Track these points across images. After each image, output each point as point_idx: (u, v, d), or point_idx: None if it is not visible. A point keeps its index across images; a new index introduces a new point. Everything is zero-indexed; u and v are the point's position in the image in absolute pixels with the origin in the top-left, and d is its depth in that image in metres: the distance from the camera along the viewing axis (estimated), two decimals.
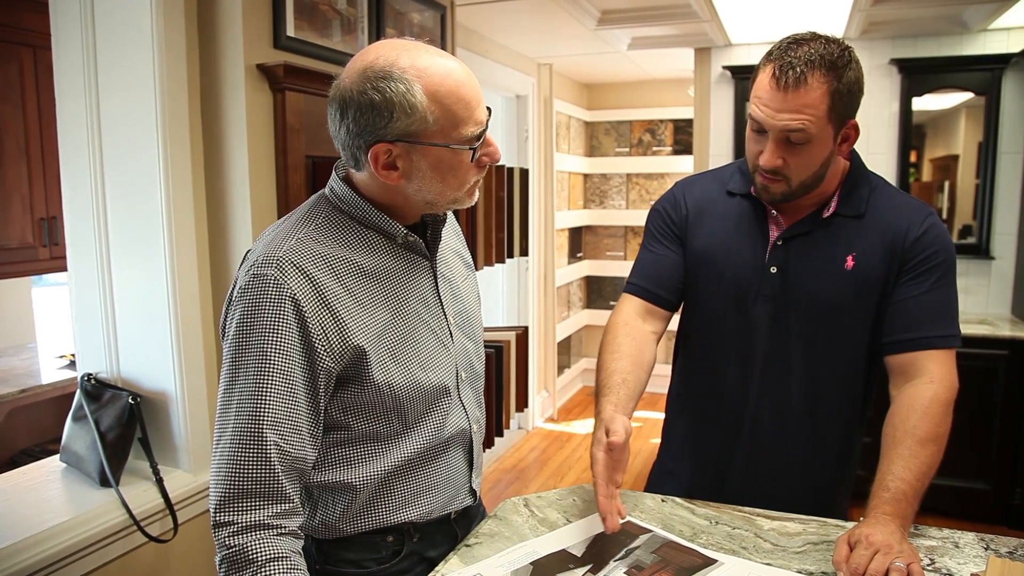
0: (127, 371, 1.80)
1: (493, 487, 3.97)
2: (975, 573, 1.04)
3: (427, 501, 1.13)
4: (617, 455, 1.13)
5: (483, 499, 1.32)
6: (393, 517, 1.10)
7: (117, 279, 1.77)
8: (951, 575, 1.05)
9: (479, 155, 1.03)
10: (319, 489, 1.07)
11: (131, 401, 1.70)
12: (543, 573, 1.05)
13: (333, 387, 1.02)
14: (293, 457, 0.97)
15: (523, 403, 2.57)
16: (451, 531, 1.20)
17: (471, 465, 1.21)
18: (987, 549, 1.12)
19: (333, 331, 0.99)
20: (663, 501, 1.30)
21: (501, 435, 2.37)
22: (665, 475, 1.49)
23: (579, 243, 5.75)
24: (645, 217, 1.49)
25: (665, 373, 1.56)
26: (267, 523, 0.94)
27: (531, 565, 1.07)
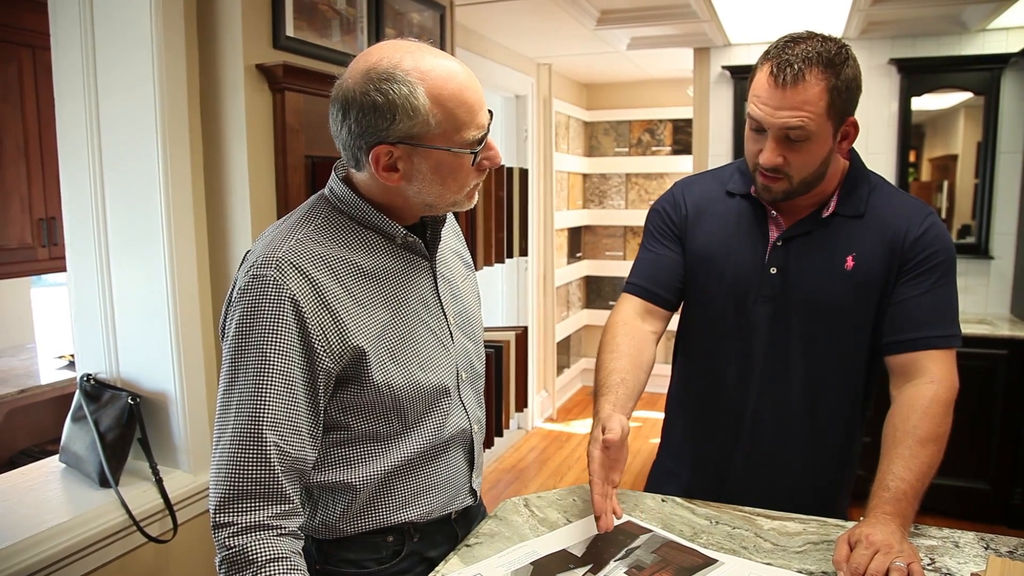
0: (126, 371, 1.80)
1: (493, 487, 3.97)
2: (975, 573, 1.04)
3: (427, 501, 1.13)
4: (614, 454, 1.13)
5: (483, 499, 1.32)
6: (393, 517, 1.10)
7: (116, 279, 1.77)
8: (951, 575, 1.05)
9: (480, 159, 1.03)
10: (319, 489, 1.07)
11: (130, 401, 1.70)
12: (543, 573, 1.05)
13: (333, 387, 1.02)
14: (293, 458, 0.97)
15: (523, 403, 2.56)
16: (451, 531, 1.20)
17: (472, 465, 1.20)
18: (987, 549, 1.12)
19: (333, 332, 0.99)
20: (663, 501, 1.30)
21: (501, 435, 2.37)
22: (665, 475, 1.49)
23: (578, 243, 5.75)
24: (644, 217, 1.49)
25: (665, 373, 1.56)
26: (267, 524, 0.94)
27: (531, 565, 1.07)
